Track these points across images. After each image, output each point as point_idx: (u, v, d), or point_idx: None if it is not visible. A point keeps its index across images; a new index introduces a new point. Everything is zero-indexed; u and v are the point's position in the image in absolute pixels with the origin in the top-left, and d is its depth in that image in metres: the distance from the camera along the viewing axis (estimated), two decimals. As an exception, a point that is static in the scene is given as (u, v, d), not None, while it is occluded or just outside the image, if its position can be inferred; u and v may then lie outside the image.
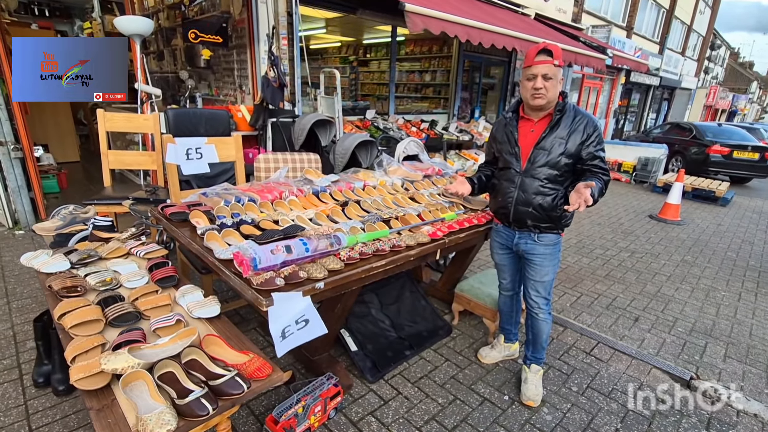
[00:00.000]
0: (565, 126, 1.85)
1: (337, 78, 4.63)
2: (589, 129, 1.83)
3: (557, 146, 1.85)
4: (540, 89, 1.78)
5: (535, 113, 1.92)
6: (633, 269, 4.08)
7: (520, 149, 1.94)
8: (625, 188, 8.30)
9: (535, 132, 1.92)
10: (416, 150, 4.04)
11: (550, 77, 1.77)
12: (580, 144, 1.84)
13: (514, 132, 1.96)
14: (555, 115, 1.86)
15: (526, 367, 2.22)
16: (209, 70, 5.99)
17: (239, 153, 2.66)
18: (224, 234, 1.72)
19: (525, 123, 1.96)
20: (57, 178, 4.80)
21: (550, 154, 1.86)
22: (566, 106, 1.87)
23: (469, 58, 8.48)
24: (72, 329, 1.35)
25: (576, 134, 1.83)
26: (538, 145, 1.88)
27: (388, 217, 2.16)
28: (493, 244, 2.25)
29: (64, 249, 1.91)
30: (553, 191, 1.90)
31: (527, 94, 1.84)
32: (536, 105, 1.84)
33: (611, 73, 12.55)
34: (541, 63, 1.77)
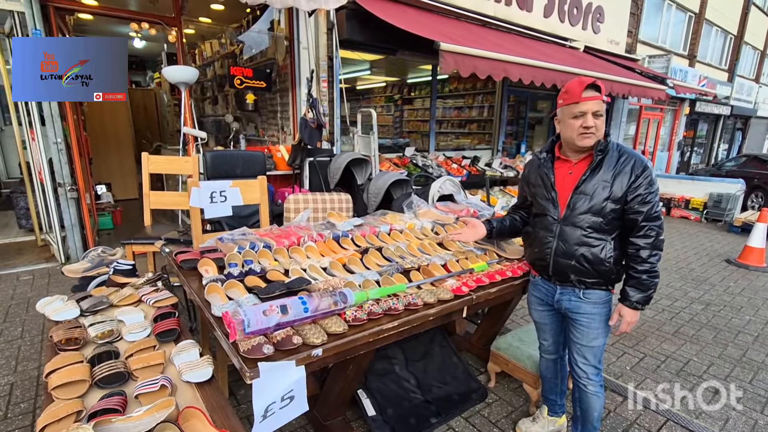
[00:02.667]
0: (608, 168, 1.61)
1: (374, 117, 4.62)
2: (637, 170, 1.59)
3: (600, 190, 1.61)
4: (591, 128, 1.58)
5: (575, 154, 1.70)
6: (709, 325, 3.49)
7: (558, 194, 1.71)
8: (696, 227, 7.45)
9: (573, 174, 1.69)
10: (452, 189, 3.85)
11: (600, 114, 1.59)
12: (628, 186, 1.58)
13: (550, 174, 1.74)
14: (596, 156, 1.62)
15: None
16: (256, 113, 6.29)
17: (264, 195, 2.62)
18: (227, 286, 1.61)
19: (562, 164, 1.74)
20: (112, 215, 5.11)
21: (593, 199, 1.62)
22: (609, 146, 1.63)
23: (514, 93, 8.29)
24: (54, 390, 1.27)
25: (622, 176, 1.59)
26: (578, 189, 1.65)
27: (410, 268, 1.96)
28: (531, 299, 1.97)
29: (80, 295, 1.91)
30: (599, 242, 1.64)
31: (574, 134, 1.62)
32: (586, 146, 1.63)
33: (673, 103, 11.72)
34: (591, 99, 1.58)
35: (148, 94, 9.52)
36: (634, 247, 1.62)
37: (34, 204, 4.57)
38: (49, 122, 3.69)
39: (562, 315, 1.86)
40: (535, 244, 1.82)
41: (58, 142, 3.71)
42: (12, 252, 4.46)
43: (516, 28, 6.54)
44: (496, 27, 6.29)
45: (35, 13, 3.37)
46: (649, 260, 1.60)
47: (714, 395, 2.53)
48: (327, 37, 4.91)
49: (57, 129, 3.70)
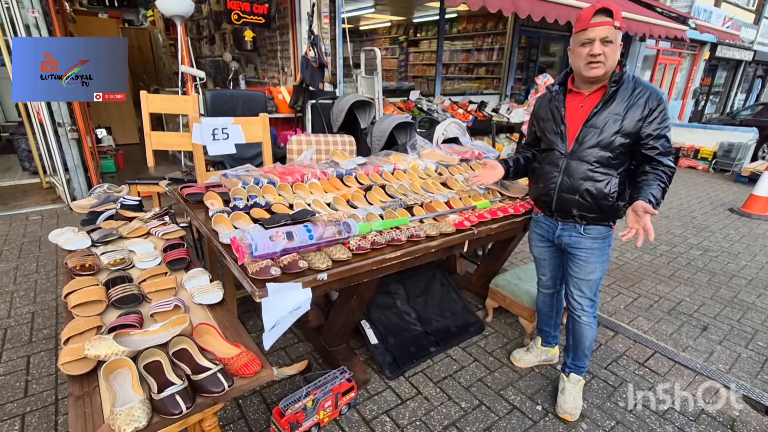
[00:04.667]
0: (622, 100, 1.56)
1: (378, 56, 4.43)
2: (652, 103, 1.53)
3: (611, 123, 1.57)
4: (598, 56, 1.50)
5: (587, 86, 1.64)
6: (705, 270, 3.57)
7: (567, 127, 1.68)
8: (702, 177, 7.38)
9: (585, 107, 1.65)
10: (457, 132, 3.78)
11: (610, 41, 1.49)
12: (640, 120, 1.54)
13: (561, 108, 1.70)
14: (610, 87, 1.57)
15: (564, 376, 1.97)
16: (255, 53, 6.04)
17: (266, 133, 2.59)
18: (233, 217, 1.64)
19: (574, 97, 1.69)
20: (114, 158, 5.09)
21: (603, 132, 1.59)
22: (624, 77, 1.57)
23: (526, 34, 7.88)
24: (74, 309, 1.34)
25: (635, 109, 1.54)
26: (589, 122, 1.61)
27: (412, 204, 1.98)
28: (532, 235, 2.00)
29: (90, 227, 1.95)
30: (604, 176, 1.63)
31: (581, 63, 1.56)
32: (593, 76, 1.55)
33: (692, 47, 11.13)
34: (600, 25, 1.49)
35: (142, 34, 9.09)
36: (645, 176, 1.57)
37: (35, 146, 4.54)
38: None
39: (561, 251, 1.89)
40: (540, 180, 1.81)
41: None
42: (18, 194, 4.50)
43: (531, -40, 6.07)
44: (510, -42, 5.84)
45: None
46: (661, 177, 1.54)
47: (702, 331, 2.64)
48: (328, -32, 4.59)
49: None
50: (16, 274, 2.86)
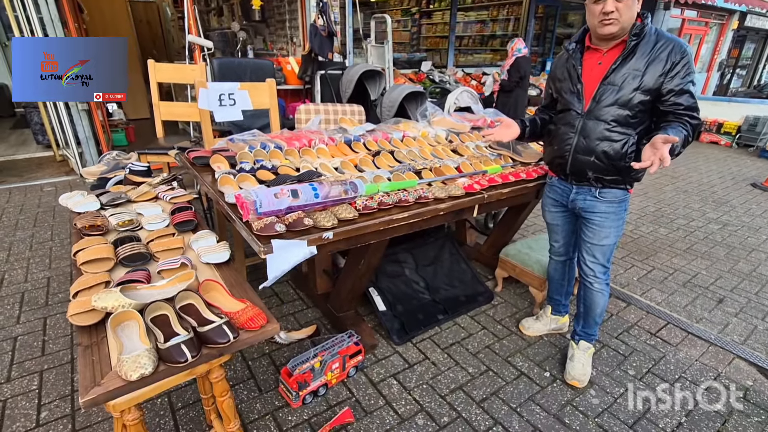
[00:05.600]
0: (642, 54, 1.48)
1: (388, 24, 4.31)
2: (675, 56, 1.45)
3: (630, 79, 1.49)
4: (611, 13, 1.43)
5: (605, 42, 1.56)
6: (723, 243, 3.47)
7: (584, 86, 1.61)
8: (725, 152, 7.12)
9: (603, 65, 1.57)
10: (469, 101, 3.68)
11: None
12: (662, 75, 1.46)
13: (577, 66, 1.62)
14: (630, 41, 1.49)
15: (573, 343, 1.96)
16: (263, 24, 5.93)
17: (273, 100, 2.55)
18: (239, 179, 1.62)
19: (591, 55, 1.61)
20: (125, 132, 5.11)
21: (621, 89, 1.51)
22: (645, 29, 1.48)
23: (543, 2, 7.57)
24: (83, 265, 1.35)
25: (657, 63, 1.46)
26: (606, 79, 1.54)
27: (421, 168, 1.93)
28: (546, 200, 1.95)
29: (99, 191, 1.95)
30: (622, 136, 1.56)
31: (595, 21, 1.50)
32: (606, 33, 1.49)
33: (720, 16, 10.57)
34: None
35: (150, 7, 8.98)
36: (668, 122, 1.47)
37: (48, 120, 4.57)
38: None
39: (575, 216, 1.84)
40: (555, 142, 1.75)
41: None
42: (32, 166, 4.57)
43: None
44: None
45: None
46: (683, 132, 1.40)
47: (718, 303, 2.59)
48: (337, -70, 4.42)
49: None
50: (32, 242, 2.92)
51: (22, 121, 6.09)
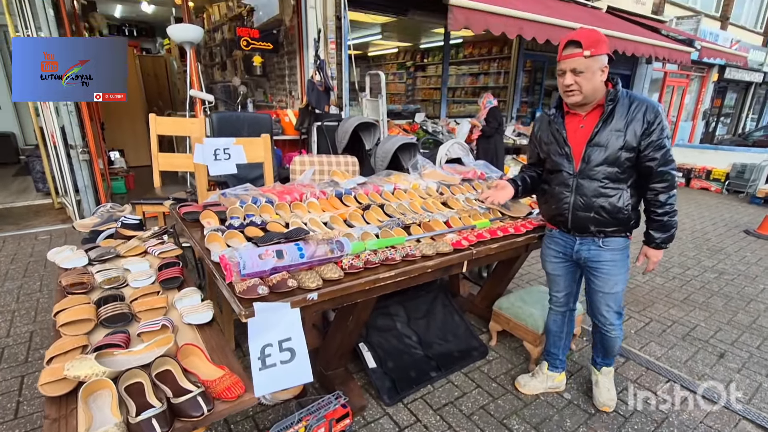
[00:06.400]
0: (620, 116, 1.59)
1: (382, 79, 4.51)
2: (649, 116, 1.57)
3: (614, 140, 1.60)
4: (570, 86, 1.58)
5: (581, 108, 1.67)
6: (720, 293, 3.43)
7: (571, 148, 1.70)
8: (715, 198, 7.23)
9: (585, 128, 1.67)
10: (460, 153, 3.78)
11: (580, 71, 1.54)
12: (641, 134, 1.58)
13: (562, 130, 1.72)
14: (607, 106, 1.60)
15: (595, 370, 2.05)
16: (264, 78, 6.20)
17: (267, 153, 2.61)
18: (227, 236, 1.63)
19: (572, 118, 1.72)
20: (125, 179, 5.19)
21: (608, 149, 1.61)
22: (618, 94, 1.60)
23: (530, 58, 7.97)
24: (62, 327, 1.32)
25: (635, 123, 1.58)
26: (592, 141, 1.64)
27: (410, 223, 1.95)
28: (547, 251, 1.98)
29: (88, 246, 1.96)
30: (616, 191, 1.66)
31: (561, 92, 1.66)
32: (571, 102, 1.65)
33: (700, 69, 11.14)
34: (568, 57, 1.55)
35: (158, 62, 9.44)
36: (653, 192, 1.66)
37: (49, 168, 4.66)
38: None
39: (577, 266, 1.90)
40: (551, 201, 1.81)
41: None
42: (30, 214, 4.60)
43: (534, -14, 6.21)
44: (513, -15, 5.98)
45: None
46: (668, 202, 1.64)
47: (719, 359, 2.51)
48: (335, -4, 4.74)
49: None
50: (20, 293, 2.88)
51: (24, 168, 6.21)
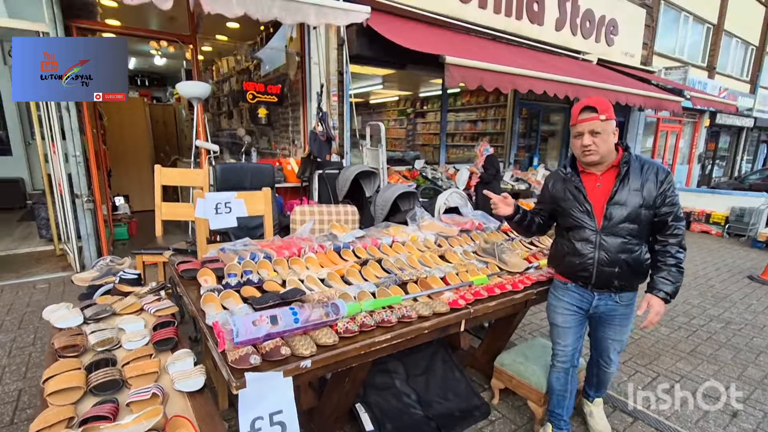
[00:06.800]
0: (635, 177, 1.74)
1: (382, 130, 4.67)
2: (661, 176, 1.73)
3: (633, 198, 1.72)
4: (589, 146, 1.71)
5: (596, 167, 1.79)
6: (728, 345, 3.35)
7: (592, 206, 1.78)
8: (717, 242, 7.21)
9: (602, 186, 1.78)
10: (459, 202, 3.83)
11: (597, 132, 1.69)
12: (656, 192, 1.72)
13: (581, 187, 1.81)
14: (622, 167, 1.74)
15: (588, 402, 2.14)
16: (269, 127, 6.42)
17: (268, 206, 2.66)
18: (222, 296, 1.63)
19: (588, 177, 1.82)
20: (127, 226, 5.24)
21: (628, 207, 1.72)
22: (630, 158, 1.77)
23: (526, 106, 8.26)
24: (50, 396, 1.30)
25: (649, 183, 1.72)
26: (612, 199, 1.74)
27: (407, 279, 1.95)
28: (558, 303, 1.98)
29: (85, 303, 1.95)
30: (638, 246, 1.77)
31: (577, 152, 1.79)
32: (589, 162, 1.77)
33: (692, 115, 11.49)
34: (586, 120, 1.71)
35: (167, 110, 9.83)
36: (663, 243, 1.76)
37: (53, 215, 4.73)
38: (69, 136, 3.83)
39: (588, 319, 1.96)
40: (575, 256, 1.84)
41: (76, 155, 3.85)
42: (32, 261, 4.61)
43: (527, 42, 6.56)
44: (507, 41, 6.33)
45: (59, 33, 3.54)
46: (677, 255, 1.74)
47: (732, 418, 2.41)
48: (337, 53, 5.01)
49: (76, 143, 3.85)
50: (12, 347, 2.83)
51: (29, 214, 6.29)
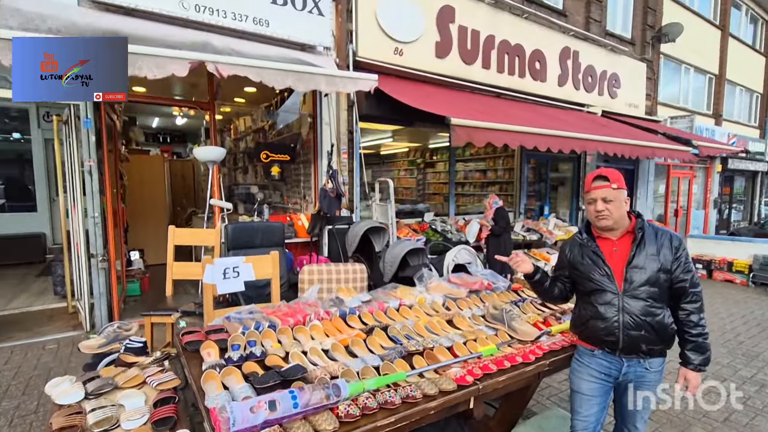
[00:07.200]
0: (651, 243, 1.79)
1: (390, 186, 4.76)
2: (675, 242, 1.79)
3: (651, 263, 1.76)
4: (602, 211, 1.80)
5: (612, 233, 1.86)
6: (765, 412, 3.10)
7: (612, 269, 1.80)
8: (742, 292, 6.90)
9: (619, 251, 1.83)
10: (468, 258, 3.81)
11: (610, 199, 1.79)
12: (672, 258, 1.77)
13: (599, 252, 1.86)
14: (638, 233, 1.81)
15: None
16: (282, 182, 6.61)
17: (275, 270, 2.68)
18: (224, 373, 1.60)
19: (604, 242, 1.88)
20: (140, 282, 5.30)
21: (647, 271, 1.75)
22: (644, 225, 1.83)
23: (533, 157, 8.38)
24: (41, 488, 1.26)
25: (665, 249, 1.77)
26: (631, 263, 1.78)
27: (414, 351, 1.90)
28: (583, 370, 1.93)
29: (88, 375, 1.94)
30: (661, 310, 1.77)
31: (592, 217, 1.87)
32: (602, 226, 1.84)
33: (703, 161, 11.46)
34: (599, 188, 1.81)
35: (186, 165, 10.26)
36: (685, 311, 1.78)
37: (69, 272, 4.82)
38: (89, 197, 4.00)
39: (614, 387, 1.91)
40: (598, 320, 1.83)
41: (95, 216, 3.99)
42: (44, 319, 4.64)
43: (531, 97, 6.79)
44: (511, 97, 6.56)
45: (88, 105, 3.80)
46: (699, 323, 1.76)
47: (776, 504, 2.18)
48: (347, 114, 5.24)
49: (95, 203, 4.00)
50: (14, 415, 2.79)
51: (47, 269, 6.43)
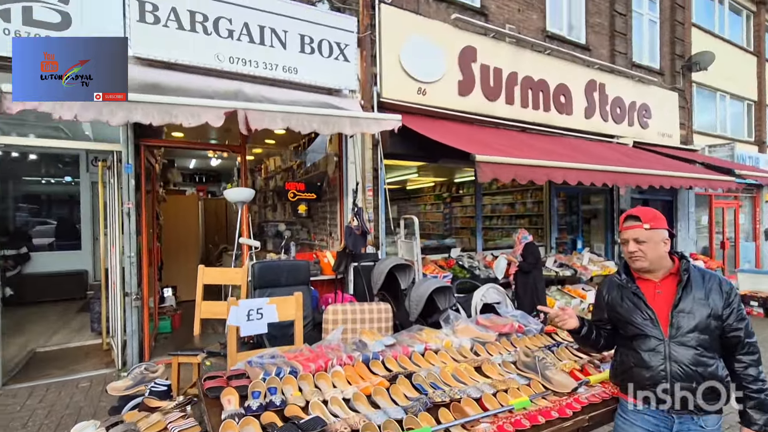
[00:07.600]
0: (698, 287, 1.66)
1: (416, 224, 4.74)
2: (725, 287, 1.65)
3: (700, 308, 1.62)
4: (635, 252, 1.71)
5: (652, 274, 1.74)
6: None
7: (655, 312, 1.67)
8: (807, 334, 6.25)
9: (663, 294, 1.69)
10: (497, 298, 3.69)
11: (642, 240, 1.69)
12: (723, 304, 1.62)
13: (640, 293, 1.73)
14: (683, 275, 1.67)
15: None
16: (309, 219, 6.72)
17: (299, 312, 2.66)
18: (242, 424, 1.56)
19: (645, 284, 1.75)
20: (171, 319, 5.40)
21: (696, 317, 1.61)
22: (689, 267, 1.71)
23: (563, 190, 8.19)
24: None
25: (714, 294, 1.64)
26: (677, 307, 1.65)
27: (440, 402, 1.79)
28: (629, 428, 1.75)
29: (112, 419, 1.94)
30: (713, 360, 1.62)
31: (627, 257, 1.78)
32: (637, 268, 1.74)
33: (748, 190, 10.84)
34: (629, 228, 1.73)
35: (219, 203, 10.67)
36: (742, 364, 1.63)
37: (105, 309, 4.99)
38: (126, 236, 4.19)
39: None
40: (642, 368, 1.68)
41: (131, 255, 4.16)
42: (80, 356, 4.78)
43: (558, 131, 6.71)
44: (536, 131, 6.51)
45: (130, 151, 4.06)
46: (760, 378, 1.61)
47: None
48: (372, 152, 5.34)
49: (132, 243, 4.18)
50: (44, 456, 2.82)
51: (86, 306, 6.69)
